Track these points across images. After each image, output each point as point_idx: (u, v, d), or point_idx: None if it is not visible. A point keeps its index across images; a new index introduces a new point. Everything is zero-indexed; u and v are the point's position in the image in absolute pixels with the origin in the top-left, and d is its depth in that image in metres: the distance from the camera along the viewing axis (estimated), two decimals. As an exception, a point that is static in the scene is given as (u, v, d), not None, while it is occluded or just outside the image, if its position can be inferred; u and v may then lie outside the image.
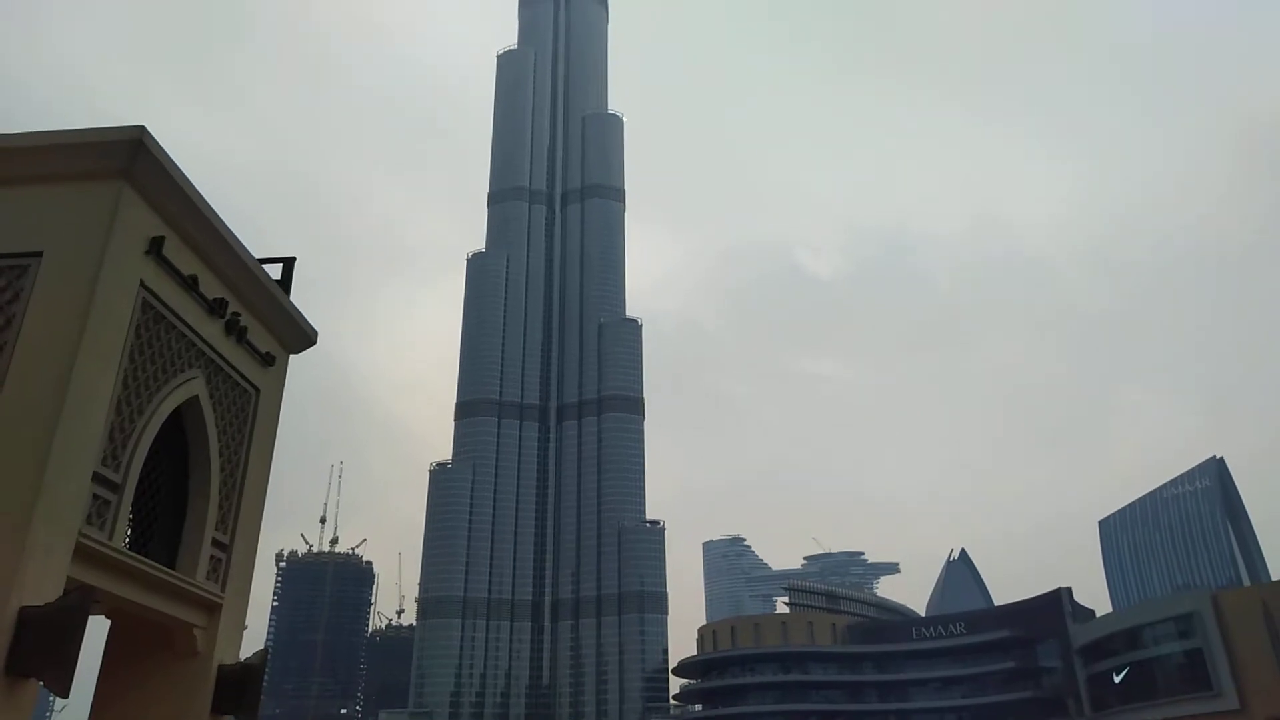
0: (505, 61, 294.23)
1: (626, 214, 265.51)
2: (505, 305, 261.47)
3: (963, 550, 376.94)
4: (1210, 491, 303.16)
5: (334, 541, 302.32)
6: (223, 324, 14.24)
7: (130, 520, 12.74)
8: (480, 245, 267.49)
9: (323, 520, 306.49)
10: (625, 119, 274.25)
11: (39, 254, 11.45)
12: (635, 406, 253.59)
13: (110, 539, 11.73)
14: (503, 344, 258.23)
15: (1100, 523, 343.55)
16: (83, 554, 11.05)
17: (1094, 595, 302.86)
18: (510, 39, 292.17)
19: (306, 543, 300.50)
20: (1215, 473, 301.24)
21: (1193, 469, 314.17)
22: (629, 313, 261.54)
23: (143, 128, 11.57)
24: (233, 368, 14.72)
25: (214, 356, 14.17)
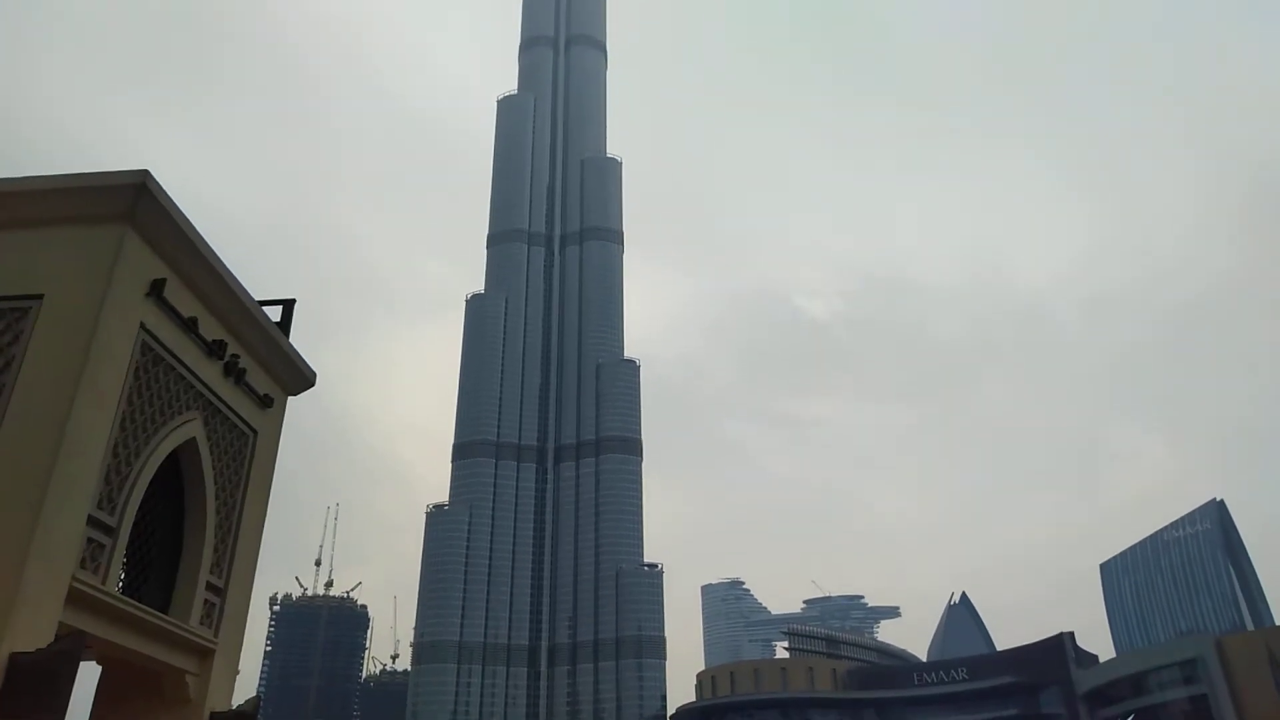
0: (505, 106, 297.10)
1: (625, 255, 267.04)
2: (504, 346, 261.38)
3: (963, 594, 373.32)
4: (1211, 534, 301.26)
5: (329, 584, 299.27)
6: (222, 366, 14.22)
7: (124, 563, 12.63)
8: (479, 286, 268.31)
9: (318, 563, 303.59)
10: (623, 162, 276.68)
11: (40, 296, 11.47)
12: (633, 447, 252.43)
13: (104, 583, 11.61)
14: (501, 385, 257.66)
15: (1102, 565, 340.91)
16: (76, 598, 10.93)
17: (1096, 638, 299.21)
18: (510, 85, 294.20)
19: (301, 586, 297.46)
20: (1216, 515, 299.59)
21: (1193, 511, 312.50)
22: (627, 354, 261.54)
23: (146, 172, 11.65)
24: (231, 409, 14.67)
25: (212, 398, 14.12)
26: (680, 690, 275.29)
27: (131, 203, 11.70)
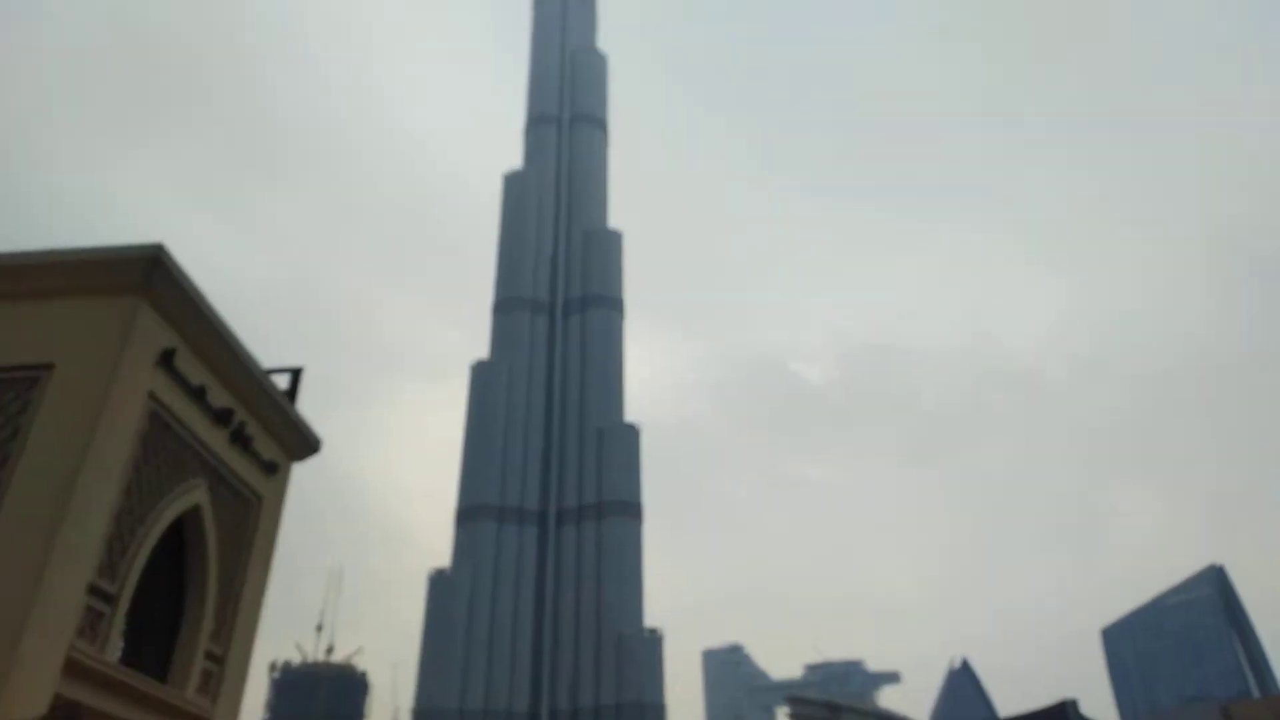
0: (511, 181, 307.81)
1: (625, 322, 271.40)
2: (507, 411, 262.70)
3: (964, 660, 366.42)
4: (1212, 600, 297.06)
5: (329, 650, 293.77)
6: (228, 433, 14.28)
7: (123, 632, 12.54)
8: (484, 353, 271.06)
9: (319, 628, 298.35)
10: (624, 233, 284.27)
11: (51, 366, 11.57)
12: (634, 511, 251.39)
13: (102, 652, 11.51)
14: (503, 450, 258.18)
15: (1103, 630, 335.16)
16: (73, 668, 10.82)
17: (1099, 702, 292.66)
18: (515, 161, 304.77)
19: (300, 652, 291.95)
20: (1216, 581, 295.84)
21: (1193, 576, 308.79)
22: (628, 418, 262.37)
23: (161, 246, 11.86)
24: (236, 476, 14.70)
25: (217, 465, 14.16)
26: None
27: (146, 275, 11.89)
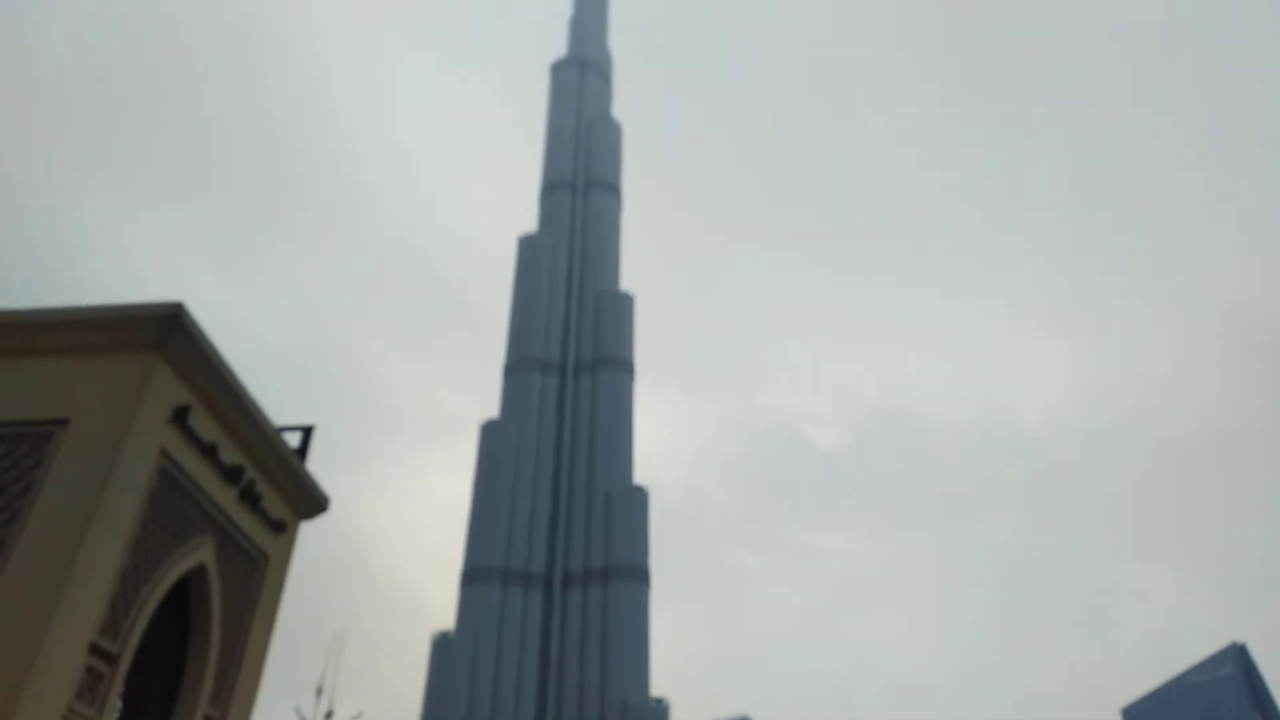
0: (525, 244, 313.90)
1: (636, 384, 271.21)
2: (515, 472, 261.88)
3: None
4: (1235, 679, 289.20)
5: (329, 715, 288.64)
6: (238, 491, 14.23)
7: (122, 693, 12.34)
8: (493, 413, 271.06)
9: (319, 691, 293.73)
10: (635, 296, 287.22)
11: (66, 421, 11.62)
12: (641, 576, 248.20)
13: (100, 715, 11.32)
14: (510, 511, 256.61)
15: (1124, 710, 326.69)
16: (70, 731, 10.65)
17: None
18: (529, 225, 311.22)
19: (300, 716, 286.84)
20: (1238, 659, 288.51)
21: (1214, 655, 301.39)
22: (636, 480, 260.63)
23: (180, 304, 11.99)
24: (243, 534, 14.61)
25: (225, 523, 14.08)
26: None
27: (163, 333, 11.99)
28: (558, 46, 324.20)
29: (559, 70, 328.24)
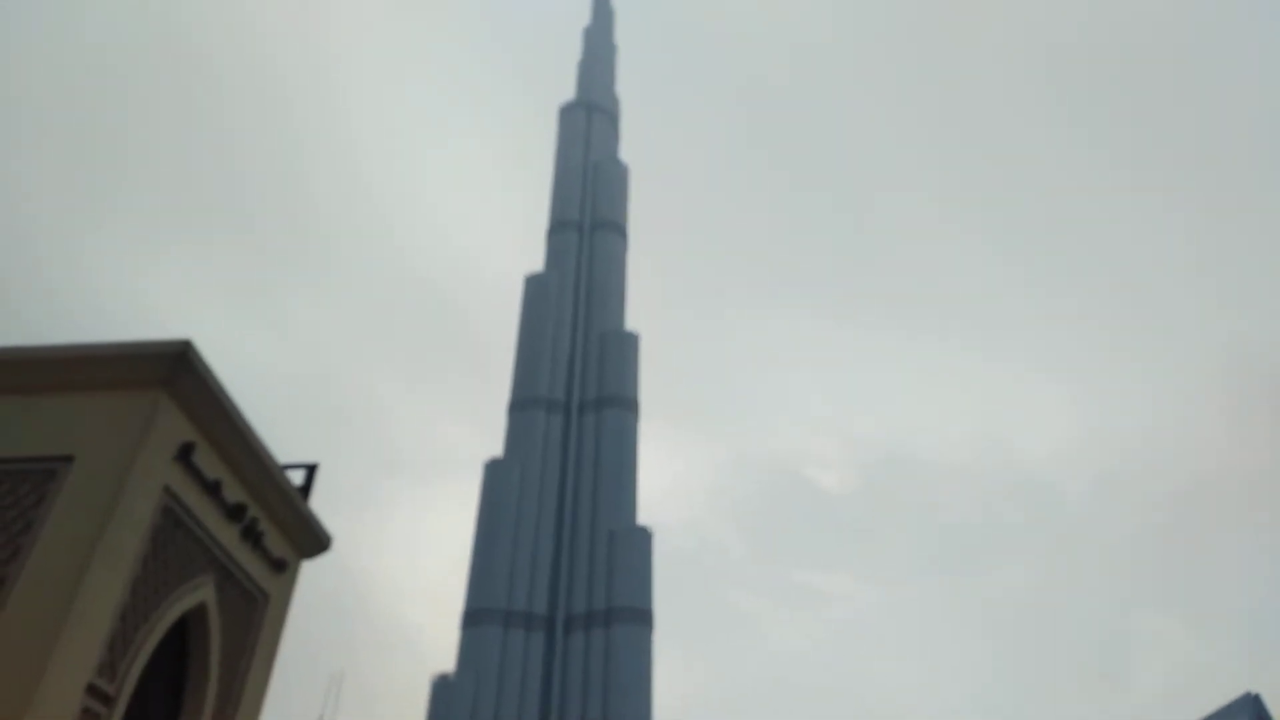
0: (531, 284, 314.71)
1: (640, 424, 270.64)
2: (518, 512, 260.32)
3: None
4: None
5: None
6: (240, 529, 14.16)
7: (117, 736, 12.14)
8: (497, 451, 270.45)
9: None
10: (641, 336, 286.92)
11: (70, 458, 11.58)
12: (644, 618, 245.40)
13: (95, 758, 11.15)
14: (513, 551, 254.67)
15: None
16: (65, 775, 10.47)
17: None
18: (536, 264, 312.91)
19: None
20: (1252, 710, 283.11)
21: (1228, 705, 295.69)
22: (640, 521, 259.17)
23: (188, 342, 12.01)
24: (244, 573, 14.50)
25: (226, 562, 13.98)
26: None
27: (171, 370, 12.00)
28: (566, 90, 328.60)
29: (567, 113, 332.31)
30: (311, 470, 16.28)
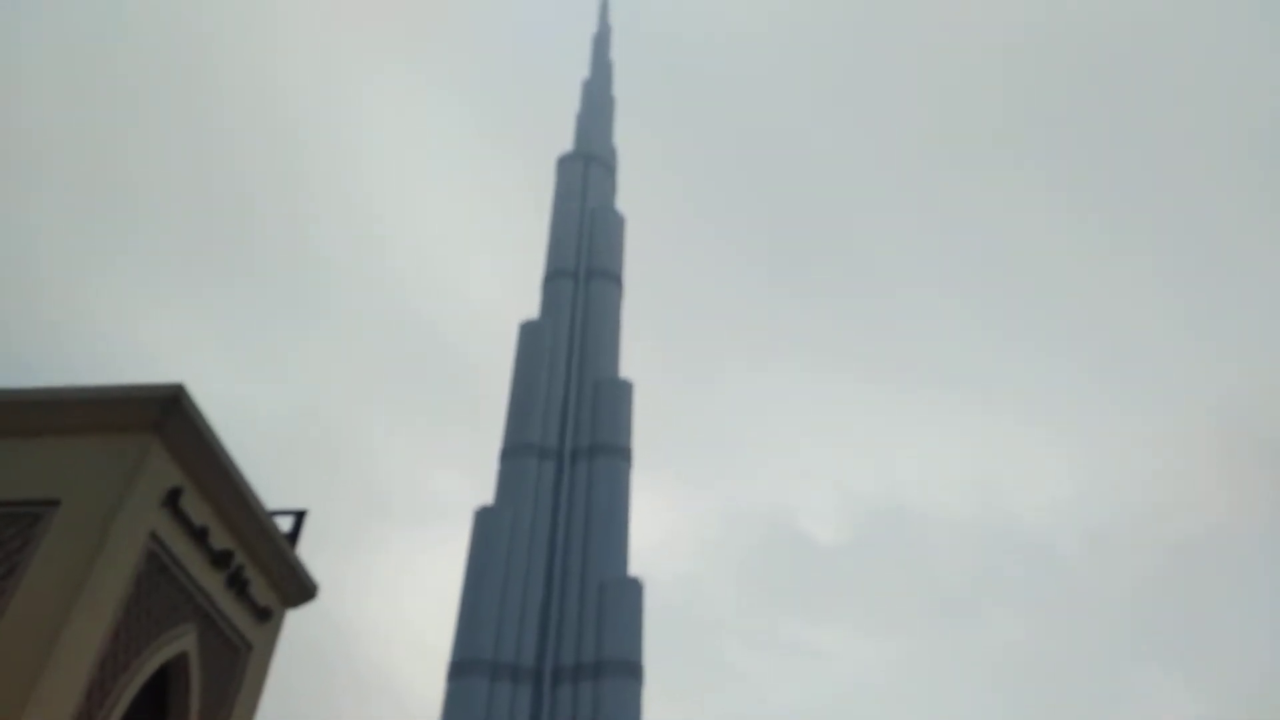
0: (526, 330, 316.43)
1: (633, 473, 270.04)
2: (508, 561, 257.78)
3: None
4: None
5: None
6: (225, 576, 13.99)
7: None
8: (488, 498, 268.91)
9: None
10: (634, 384, 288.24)
11: (56, 502, 11.47)
12: (634, 671, 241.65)
13: (70, 810, 10.88)
14: (502, 601, 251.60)
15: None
16: (36, 829, 10.19)
17: None
18: (531, 311, 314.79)
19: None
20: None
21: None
22: (631, 571, 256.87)
23: (180, 386, 11.96)
24: (228, 622, 14.29)
25: (210, 610, 13.79)
26: None
27: (161, 414, 11.95)
28: (565, 141, 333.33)
29: (564, 163, 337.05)
30: (300, 517, 16.12)
